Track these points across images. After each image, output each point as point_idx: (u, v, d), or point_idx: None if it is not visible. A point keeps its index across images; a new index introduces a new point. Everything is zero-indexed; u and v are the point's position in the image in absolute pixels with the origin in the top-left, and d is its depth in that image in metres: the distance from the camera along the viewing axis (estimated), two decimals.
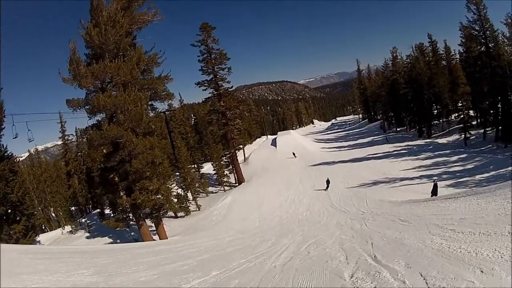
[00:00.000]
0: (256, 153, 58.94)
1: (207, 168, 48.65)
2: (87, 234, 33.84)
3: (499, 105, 39.83)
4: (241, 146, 51.12)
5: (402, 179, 30.38)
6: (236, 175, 45.24)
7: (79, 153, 46.64)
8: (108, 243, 29.15)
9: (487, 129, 42.04)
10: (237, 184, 44.26)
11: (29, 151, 64.95)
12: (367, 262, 6.28)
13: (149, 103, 25.68)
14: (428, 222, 9.54)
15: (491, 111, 41.21)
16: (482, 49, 40.89)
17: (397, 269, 5.21)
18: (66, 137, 46.62)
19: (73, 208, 49.08)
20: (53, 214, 45.80)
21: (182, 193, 36.42)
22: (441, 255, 5.50)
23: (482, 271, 4.38)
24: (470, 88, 42.61)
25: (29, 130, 22.89)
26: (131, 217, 26.71)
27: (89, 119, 23.80)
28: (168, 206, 26.71)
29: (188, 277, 7.44)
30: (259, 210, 30.74)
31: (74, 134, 47.29)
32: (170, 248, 15.48)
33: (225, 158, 46.48)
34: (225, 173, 45.02)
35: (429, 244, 6.56)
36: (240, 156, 51.34)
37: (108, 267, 9.33)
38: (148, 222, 27.04)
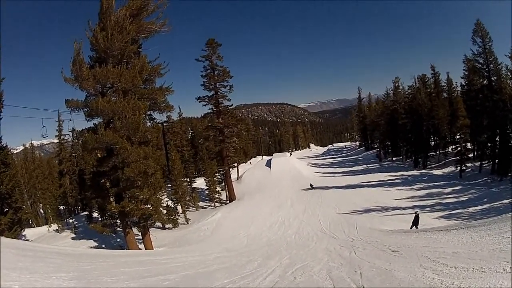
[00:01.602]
0: (250, 172, 58.80)
1: (200, 183, 48.43)
2: (73, 235, 33.28)
3: (497, 139, 40.07)
4: (235, 164, 51.07)
5: (394, 208, 30.14)
6: (228, 193, 45.19)
7: (73, 154, 46.19)
8: (93, 247, 28.62)
9: (483, 162, 42.23)
10: (228, 202, 44.16)
11: (24, 145, 64.52)
12: None
13: (148, 113, 25.70)
14: (420, 254, 9.27)
15: (489, 144, 41.39)
16: (485, 82, 41.50)
17: None
18: (62, 136, 46.24)
19: (62, 207, 48.85)
20: (41, 211, 45.68)
21: (172, 205, 36.14)
22: None
23: None
24: (470, 121, 42.84)
25: (43, 126, 22.81)
26: (118, 224, 26.42)
27: (87, 122, 23.71)
28: (157, 217, 26.34)
29: None
30: (248, 229, 30.37)
31: (71, 134, 46.97)
32: (154, 259, 15.03)
33: (219, 175, 46.52)
34: (217, 190, 44.89)
35: (420, 278, 6.27)
36: (233, 174, 51.44)
37: (89, 273, 8.96)
38: (135, 230, 26.69)
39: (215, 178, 45.35)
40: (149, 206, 25.22)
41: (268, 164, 62.98)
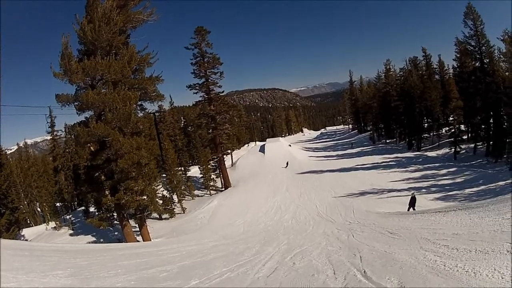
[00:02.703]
0: (244, 158, 58.69)
1: (194, 171, 48.31)
2: (71, 232, 33.27)
3: (491, 121, 40.24)
4: (229, 151, 50.89)
5: (390, 191, 30.22)
6: (222, 180, 45.07)
7: (67, 150, 45.84)
8: (91, 242, 28.58)
9: (477, 143, 42.47)
10: (223, 189, 44.08)
11: (18, 144, 63.89)
12: (357, 278, 5.87)
13: (139, 103, 25.46)
14: (419, 236, 9.21)
15: (483, 126, 41.62)
16: (477, 64, 41.48)
17: None
18: (55, 132, 45.74)
19: (58, 204, 48.63)
20: (39, 209, 45.41)
21: (168, 195, 35.94)
22: (437, 273, 5.11)
23: None
24: (463, 103, 42.84)
25: (47, 122, 22.78)
26: (115, 217, 26.27)
27: (78, 115, 23.47)
28: (153, 208, 26.16)
29: (166, 286, 6.98)
30: (244, 216, 30.30)
31: (63, 130, 46.54)
32: (152, 251, 14.91)
33: (213, 162, 46.30)
34: (211, 177, 44.72)
35: (422, 261, 6.17)
36: (227, 161, 51.49)
37: (86, 269, 8.84)
38: (132, 222, 26.60)
39: (209, 166, 45.13)
40: (145, 197, 25.07)
41: (262, 149, 62.96)
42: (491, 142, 40.02)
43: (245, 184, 43.30)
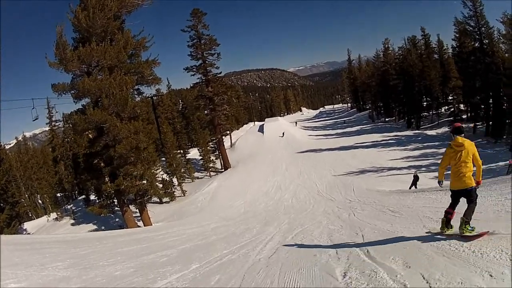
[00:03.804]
0: (243, 139, 58.57)
1: (193, 153, 48.40)
2: (72, 221, 33.55)
3: (491, 101, 40.02)
4: (228, 132, 50.86)
5: (389, 169, 30.24)
6: (222, 161, 45.17)
7: (66, 139, 45.71)
8: (93, 230, 28.74)
9: (477, 123, 42.31)
10: (223, 170, 44.13)
11: (16, 138, 63.80)
12: (360, 258, 5.72)
13: (136, 87, 25.45)
14: (421, 215, 9.11)
15: (482, 106, 41.42)
16: (476, 45, 41.12)
17: (394, 269, 4.65)
18: (53, 123, 45.93)
19: (59, 194, 49.22)
20: (40, 201, 45.56)
21: (167, 179, 35.93)
22: (442, 253, 4.95)
23: (491, 275, 3.83)
24: (462, 83, 42.75)
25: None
26: (115, 203, 26.30)
27: (75, 104, 23.69)
28: (153, 192, 26.22)
29: (165, 271, 6.86)
30: (245, 197, 30.37)
31: (61, 119, 46.36)
32: (152, 236, 14.90)
33: (212, 144, 46.46)
34: (211, 159, 44.92)
35: (426, 240, 6.04)
36: (226, 142, 51.35)
37: (86, 258, 8.81)
38: (133, 208, 26.63)
39: (208, 148, 45.31)
40: (144, 181, 25.17)
41: (261, 129, 62.90)
42: (490, 123, 39.90)
43: (244, 165, 43.31)
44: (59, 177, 46.69)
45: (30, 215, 41.24)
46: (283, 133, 56.10)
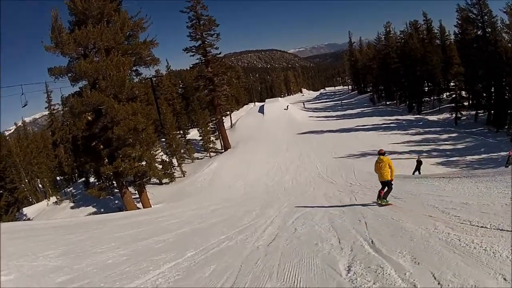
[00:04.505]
0: (243, 119, 58.20)
1: (193, 134, 48.16)
2: (72, 204, 33.42)
3: (493, 90, 39.61)
4: (228, 113, 50.53)
5: (390, 153, 29.53)
6: (222, 142, 44.89)
7: (65, 123, 45.44)
8: (92, 213, 28.67)
9: (479, 111, 41.87)
10: (223, 151, 43.88)
11: (15, 124, 63.46)
12: (364, 249, 5.39)
13: (134, 68, 25.42)
14: (426, 203, 8.76)
15: (484, 94, 41.09)
16: (479, 32, 40.53)
17: (402, 265, 4.32)
18: (52, 107, 45.99)
19: (59, 178, 49.16)
20: (40, 185, 45.50)
21: (167, 159, 35.74)
22: (453, 249, 4.60)
23: (505, 279, 3.49)
24: (464, 70, 41.83)
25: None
26: (114, 185, 26.26)
27: (72, 87, 23.85)
28: (152, 173, 26.05)
29: (159, 259, 6.56)
30: (245, 178, 30.31)
31: (60, 103, 46.20)
32: (151, 218, 14.74)
33: (212, 124, 46.14)
34: (211, 139, 44.63)
35: (433, 233, 5.67)
36: (226, 122, 50.90)
37: (80, 245, 8.60)
38: (132, 189, 26.53)
39: (208, 128, 45.03)
40: (143, 163, 25.03)
41: (261, 110, 62.39)
42: (492, 111, 39.52)
43: (244, 145, 43.06)
44: (59, 161, 46.77)
45: (30, 199, 41.37)
46: (287, 106, 56.96)
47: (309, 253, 5.76)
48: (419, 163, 21.47)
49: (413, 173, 20.94)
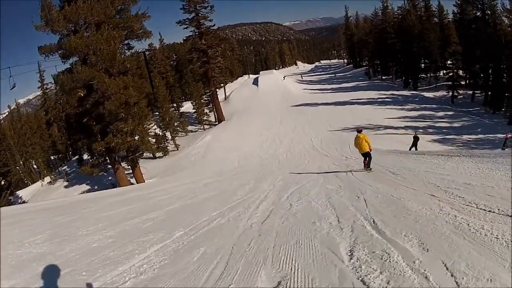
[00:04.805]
0: (237, 92, 57.49)
1: (187, 107, 47.86)
2: (66, 183, 33.68)
3: (491, 71, 39.41)
4: (222, 85, 50.22)
5: (386, 127, 29.77)
6: (216, 114, 44.72)
7: (59, 101, 44.81)
8: (86, 191, 28.67)
9: (476, 91, 41.69)
10: (217, 123, 43.79)
11: (9, 106, 62.89)
12: (366, 230, 4.95)
13: (125, 42, 25.28)
14: (426, 181, 8.28)
15: (482, 75, 40.98)
16: (478, 14, 39.94)
17: (410, 251, 3.88)
18: (45, 86, 45.63)
19: (53, 157, 49.40)
20: (35, 166, 45.55)
21: (160, 133, 35.40)
22: (462, 235, 4.16)
23: None
24: (462, 49, 41.74)
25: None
26: (108, 162, 26.04)
27: (63, 64, 23.82)
28: (144, 147, 25.82)
29: (146, 241, 6.12)
30: (239, 150, 30.16)
31: (53, 82, 45.69)
32: (142, 194, 14.31)
33: (205, 97, 45.77)
34: (205, 112, 44.47)
35: (439, 214, 5.22)
36: (220, 94, 50.65)
37: (67, 228, 8.19)
38: (126, 165, 26.32)
39: (202, 101, 44.79)
40: (135, 137, 24.88)
41: (255, 82, 61.48)
42: (489, 92, 39.28)
43: (239, 118, 42.86)
44: (52, 140, 46.57)
45: (26, 181, 41.49)
46: (284, 77, 57.79)
47: (307, 233, 5.33)
48: (416, 139, 21.13)
49: (410, 149, 20.65)
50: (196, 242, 5.79)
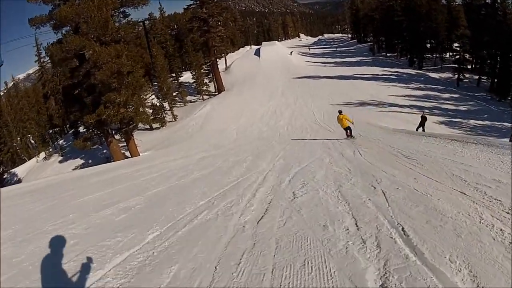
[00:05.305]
0: (238, 62, 55.68)
1: (186, 76, 46.21)
2: (60, 158, 32.65)
3: (498, 58, 38.23)
4: (223, 55, 48.79)
5: (390, 105, 28.71)
6: (216, 84, 43.30)
7: (56, 74, 43.41)
8: (79, 165, 28.07)
9: (482, 77, 40.31)
10: (216, 93, 42.42)
11: (5, 83, 62.02)
12: (398, 246, 3.61)
13: (121, 10, 24.12)
14: (448, 171, 6.90)
15: (489, 61, 39.88)
16: (488, 0, 38.99)
17: None
18: (42, 59, 43.77)
19: (51, 131, 48.15)
20: (32, 141, 45.05)
21: (158, 103, 34.24)
22: None
23: None
24: (470, 33, 40.30)
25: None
26: (101, 134, 25.30)
27: (56, 35, 22.79)
28: (139, 119, 24.53)
29: (110, 247, 4.77)
30: (238, 121, 29.18)
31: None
32: (129, 172, 13.11)
33: (205, 67, 44.32)
34: (204, 82, 43.06)
35: (481, 225, 3.90)
36: (221, 65, 49.21)
37: (36, 220, 7.02)
38: (121, 137, 26.04)
39: (202, 70, 43.34)
40: (128, 108, 23.58)
41: (257, 53, 59.66)
42: (496, 79, 38.04)
43: (239, 88, 41.63)
44: (49, 113, 45.49)
45: (23, 157, 41.07)
46: (291, 52, 56.60)
47: (317, 246, 3.99)
48: (423, 119, 19.63)
49: (417, 129, 19.26)
50: (169, 253, 4.37)
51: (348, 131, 15.61)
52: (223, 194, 7.32)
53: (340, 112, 16.27)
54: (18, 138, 42.11)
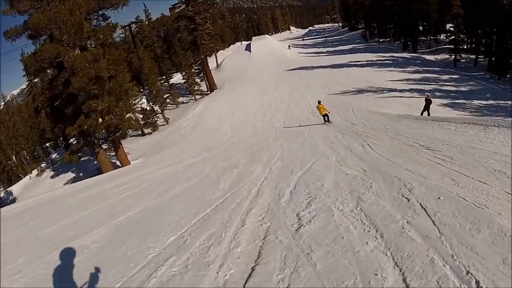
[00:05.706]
0: (229, 59, 54.76)
1: (177, 78, 45.77)
2: (52, 174, 31.58)
3: (494, 37, 36.83)
4: (213, 52, 48.04)
5: (390, 90, 27.71)
6: (207, 82, 42.08)
7: (45, 86, 41.94)
8: (71, 180, 26.90)
9: (479, 56, 39.01)
10: (208, 92, 41.23)
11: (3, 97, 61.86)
12: None
13: (100, 12, 22.76)
14: (486, 165, 5.34)
15: (484, 41, 38.74)
16: None
17: None
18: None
19: (44, 145, 47.76)
20: (27, 157, 44.16)
21: (148, 107, 33.19)
22: None
23: None
24: (464, 12, 39.10)
25: None
26: (87, 146, 24.09)
27: (33, 45, 21.59)
28: (126, 125, 22.86)
29: None
30: (231, 120, 28.09)
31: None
32: (108, 189, 11.72)
33: (196, 66, 43.20)
34: (195, 81, 41.76)
35: None
36: (212, 63, 48.46)
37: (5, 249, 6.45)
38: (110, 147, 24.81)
39: (192, 70, 42.04)
40: (113, 115, 22.06)
41: (248, 48, 58.96)
42: (493, 58, 36.66)
43: (231, 85, 40.62)
44: (41, 127, 43.77)
45: (19, 175, 39.82)
46: (289, 46, 57.23)
47: None
48: (428, 102, 17.90)
49: (421, 114, 17.58)
50: None
51: (326, 117, 18.32)
52: (202, 221, 5.71)
53: (319, 102, 19.08)
54: (13, 156, 40.87)
